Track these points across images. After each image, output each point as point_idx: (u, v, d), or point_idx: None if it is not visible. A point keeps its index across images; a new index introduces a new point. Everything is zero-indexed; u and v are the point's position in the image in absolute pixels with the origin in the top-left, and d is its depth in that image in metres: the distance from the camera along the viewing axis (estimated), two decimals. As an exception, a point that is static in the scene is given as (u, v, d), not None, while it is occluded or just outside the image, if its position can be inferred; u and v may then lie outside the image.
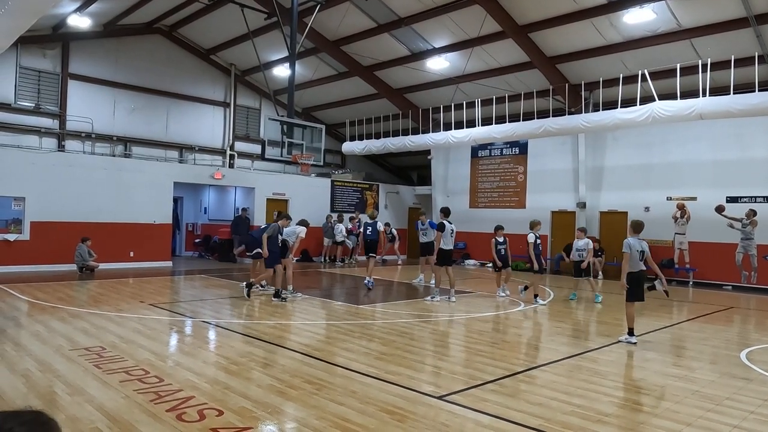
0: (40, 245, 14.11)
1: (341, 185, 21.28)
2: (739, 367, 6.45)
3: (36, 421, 1.20)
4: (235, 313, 9.38)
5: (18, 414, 1.20)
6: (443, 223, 11.26)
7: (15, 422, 1.16)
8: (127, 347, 6.45)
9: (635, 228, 7.46)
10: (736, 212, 13.37)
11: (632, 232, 7.46)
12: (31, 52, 16.20)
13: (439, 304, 10.61)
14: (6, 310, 8.72)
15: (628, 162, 16.83)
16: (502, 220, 19.30)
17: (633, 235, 7.41)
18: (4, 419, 1.16)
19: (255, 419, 4.30)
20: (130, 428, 4.03)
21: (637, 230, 7.44)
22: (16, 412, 1.20)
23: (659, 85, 13.34)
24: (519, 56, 15.88)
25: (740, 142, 14.64)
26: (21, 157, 14.27)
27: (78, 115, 16.96)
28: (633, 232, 7.46)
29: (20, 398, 4.60)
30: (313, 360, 6.18)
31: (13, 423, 1.16)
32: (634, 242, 7.31)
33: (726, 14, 12.47)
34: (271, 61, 18.89)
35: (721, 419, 4.60)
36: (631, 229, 7.51)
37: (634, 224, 7.50)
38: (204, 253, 20.16)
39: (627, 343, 7.39)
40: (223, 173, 18.15)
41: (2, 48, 8.87)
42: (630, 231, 7.50)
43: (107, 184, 15.33)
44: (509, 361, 6.41)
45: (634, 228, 7.47)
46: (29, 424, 1.18)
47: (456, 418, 4.49)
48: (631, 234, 7.43)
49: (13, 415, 1.19)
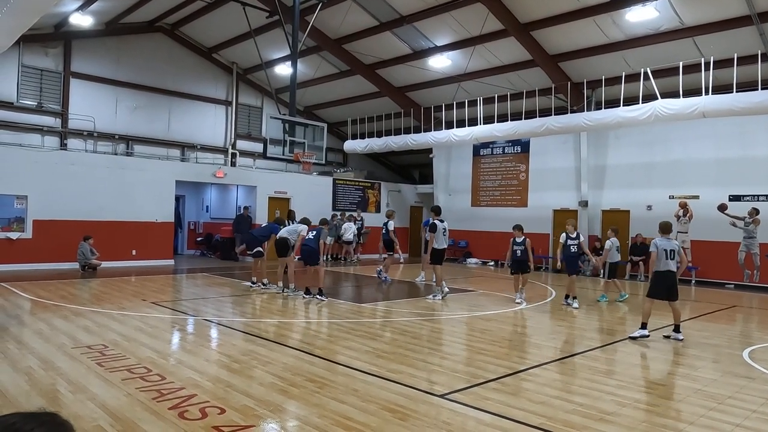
0: (43, 243, 14.14)
1: (343, 184, 21.28)
2: (742, 365, 6.43)
3: (53, 422, 1.23)
4: (237, 312, 9.39)
5: (35, 415, 1.23)
6: (434, 223, 11.28)
7: (34, 423, 1.20)
8: (129, 345, 6.46)
9: (662, 229, 7.87)
10: (738, 211, 13.34)
11: (660, 233, 7.86)
12: (34, 50, 16.21)
13: (441, 302, 10.61)
14: (9, 308, 8.74)
15: (630, 160, 16.80)
16: (504, 219, 19.43)
17: (662, 236, 7.78)
18: (24, 421, 1.19)
19: (257, 417, 4.31)
20: (132, 426, 4.04)
21: (665, 231, 7.84)
22: (32, 414, 1.23)
23: (661, 83, 13.31)
24: (521, 54, 15.86)
25: (743, 140, 14.60)
26: (23, 155, 14.29)
27: (80, 113, 16.98)
28: (661, 233, 7.85)
29: (23, 396, 4.61)
30: (314, 358, 6.18)
31: (33, 424, 1.19)
32: (661, 242, 7.69)
33: (729, 12, 12.43)
34: (272, 60, 18.88)
35: (723, 418, 4.59)
36: (659, 230, 7.91)
37: (661, 225, 7.93)
38: (206, 251, 20.19)
39: (640, 337, 7.60)
40: (225, 172, 18.16)
41: (4, 47, 8.88)
42: (659, 232, 7.89)
43: (109, 183, 15.35)
44: (511, 360, 6.41)
45: (661, 229, 7.88)
46: (48, 425, 1.21)
47: (458, 416, 4.49)
48: (660, 235, 7.82)
49: (31, 417, 1.22)
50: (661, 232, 7.84)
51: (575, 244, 10.59)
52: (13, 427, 1.17)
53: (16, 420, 1.19)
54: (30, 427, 1.18)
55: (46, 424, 1.21)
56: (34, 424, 1.19)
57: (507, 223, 19.16)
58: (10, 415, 1.21)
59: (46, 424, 1.21)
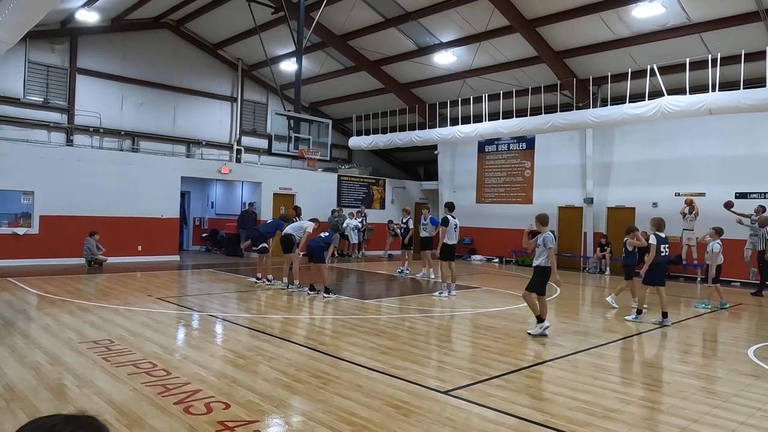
0: (49, 239, 14.22)
1: (348, 180, 21.28)
2: (747, 363, 6.42)
3: (91, 426, 1.27)
4: (242, 307, 9.42)
5: (75, 418, 1.27)
6: (447, 218, 11.26)
7: (74, 426, 1.24)
8: (135, 340, 6.50)
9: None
10: (744, 208, 13.27)
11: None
12: (40, 46, 16.27)
13: (447, 299, 10.61)
14: (16, 303, 8.80)
15: (636, 157, 16.73)
16: (509, 216, 19.45)
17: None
18: (64, 423, 1.23)
19: (261, 413, 4.33)
20: (138, 420, 4.07)
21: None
22: (72, 416, 1.28)
23: (668, 80, 13.23)
24: (526, 51, 15.79)
25: (750, 137, 14.51)
26: (30, 151, 14.36)
27: (86, 109, 17.04)
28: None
29: (30, 390, 4.65)
30: (319, 354, 6.20)
31: (72, 426, 1.23)
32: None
33: (737, 8, 12.35)
34: (278, 56, 18.89)
35: (728, 416, 4.58)
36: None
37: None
38: (211, 247, 20.25)
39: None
40: (230, 168, 18.19)
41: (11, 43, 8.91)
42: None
43: (115, 179, 15.41)
44: (515, 357, 6.41)
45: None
46: (86, 428, 1.25)
47: (461, 412, 4.50)
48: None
49: (71, 419, 1.26)
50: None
51: (667, 246, 8.96)
52: (55, 429, 1.21)
53: (58, 422, 1.23)
54: (70, 429, 1.22)
55: (85, 427, 1.25)
56: (73, 426, 1.23)
57: (512, 220, 19.29)
58: (52, 417, 1.26)
59: (85, 427, 1.25)
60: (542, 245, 7.43)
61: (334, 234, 10.89)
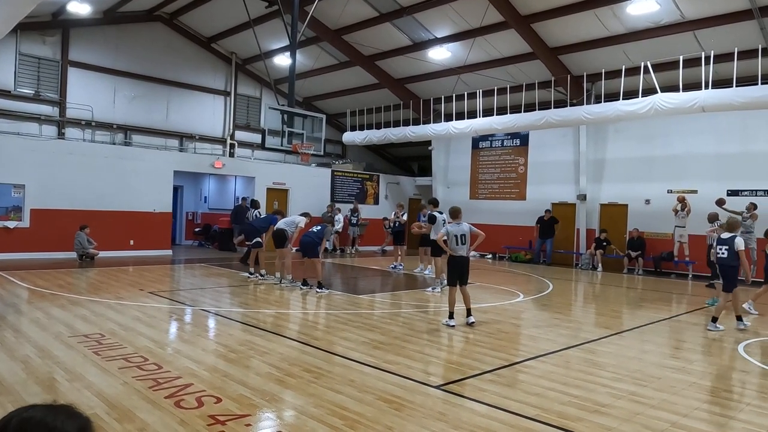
0: (40, 233, 14.12)
1: (341, 175, 21.24)
2: (737, 359, 6.47)
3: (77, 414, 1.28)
4: (235, 302, 9.40)
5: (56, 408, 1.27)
6: (434, 215, 11.27)
7: (63, 416, 1.24)
8: (127, 334, 6.47)
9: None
10: (736, 206, 13.34)
11: None
12: (31, 38, 16.11)
13: (440, 294, 10.62)
14: (6, 297, 8.74)
15: (629, 154, 16.78)
16: (503, 212, 19.48)
17: None
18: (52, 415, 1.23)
19: (253, 407, 4.32)
20: (129, 414, 4.05)
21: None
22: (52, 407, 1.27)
23: (662, 77, 13.28)
24: (521, 47, 15.80)
25: (742, 135, 14.59)
26: (21, 144, 14.24)
27: (78, 102, 16.90)
28: None
29: (20, 384, 4.62)
30: (311, 349, 6.20)
31: (61, 417, 1.24)
32: None
33: (730, 6, 12.38)
34: (271, 50, 18.79)
35: (718, 411, 4.61)
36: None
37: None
38: (204, 242, 20.18)
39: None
40: (224, 162, 18.12)
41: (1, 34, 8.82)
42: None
43: (107, 172, 15.31)
44: (507, 352, 6.43)
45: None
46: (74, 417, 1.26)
47: (453, 407, 4.51)
48: None
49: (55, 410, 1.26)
50: None
51: (725, 248, 8.19)
52: (44, 422, 1.20)
53: (43, 415, 1.22)
54: (60, 421, 1.22)
55: (74, 416, 1.25)
56: (62, 417, 1.23)
57: (505, 216, 19.34)
58: (30, 409, 1.24)
59: (74, 416, 1.25)
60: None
61: (326, 228, 10.85)
